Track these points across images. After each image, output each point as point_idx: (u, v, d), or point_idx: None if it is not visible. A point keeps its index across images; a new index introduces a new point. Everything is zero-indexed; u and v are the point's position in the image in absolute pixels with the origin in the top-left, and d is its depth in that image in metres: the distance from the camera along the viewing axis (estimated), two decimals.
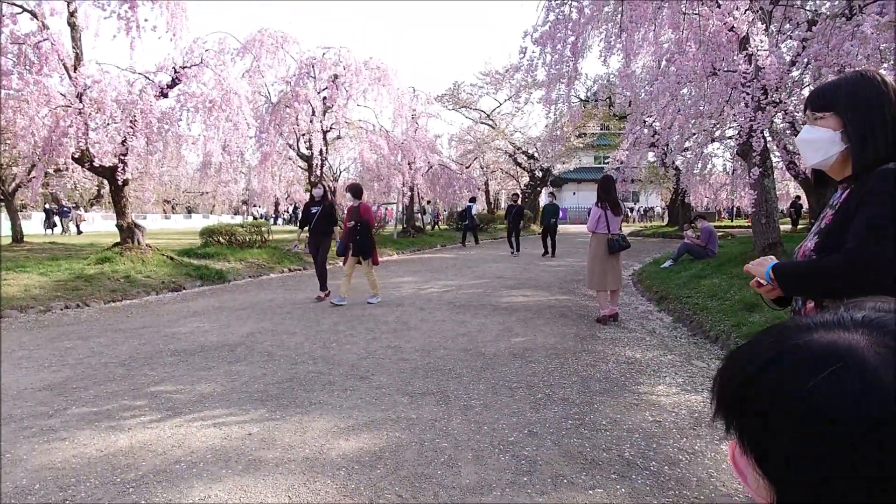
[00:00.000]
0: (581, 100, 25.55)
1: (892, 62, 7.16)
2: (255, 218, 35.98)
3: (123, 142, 10.41)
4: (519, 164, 30.50)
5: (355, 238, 8.48)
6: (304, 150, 17.76)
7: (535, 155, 28.89)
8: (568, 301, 8.95)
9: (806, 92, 9.42)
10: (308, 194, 20.65)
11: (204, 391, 4.51)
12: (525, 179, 32.09)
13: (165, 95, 10.98)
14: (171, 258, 11.93)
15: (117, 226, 11.79)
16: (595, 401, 4.26)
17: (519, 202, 19.46)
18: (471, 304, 8.49)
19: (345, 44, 17.30)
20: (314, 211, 9.28)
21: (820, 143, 1.60)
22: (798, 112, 9.97)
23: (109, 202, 11.87)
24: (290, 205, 38.15)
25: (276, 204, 38.51)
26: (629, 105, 10.71)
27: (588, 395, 4.38)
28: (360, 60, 16.54)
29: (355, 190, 8.70)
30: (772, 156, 11.89)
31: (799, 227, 24.03)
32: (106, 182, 12.07)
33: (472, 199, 22.75)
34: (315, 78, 15.88)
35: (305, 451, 3.38)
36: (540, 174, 31.21)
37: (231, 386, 4.65)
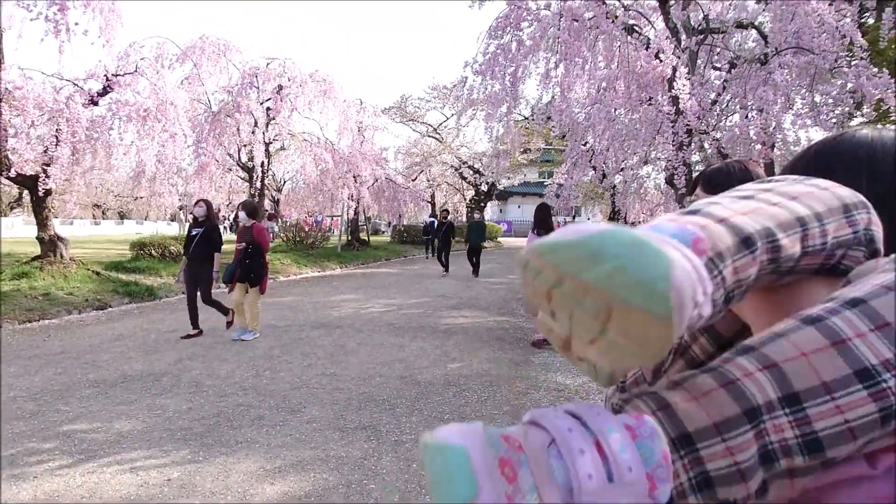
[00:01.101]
0: (524, 117, 26.20)
1: (800, 106, 7.81)
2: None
3: (46, 150, 9.82)
4: (464, 178, 30.88)
5: (244, 262, 7.44)
6: (245, 161, 17.31)
7: (481, 170, 29.36)
8: (506, 322, 9.13)
9: (735, 119, 10.07)
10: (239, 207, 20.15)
11: (123, 429, 4.31)
12: (471, 193, 32.49)
13: (96, 103, 10.45)
14: (97, 273, 11.31)
15: (38, 238, 11.07)
16: None
17: (449, 217, 18.02)
18: (410, 326, 8.51)
19: (290, 55, 16.95)
20: (194, 233, 7.79)
21: None
22: (722, 144, 10.61)
23: (30, 203, 11.12)
24: (231, 212, 37.02)
25: (218, 212, 37.23)
26: (568, 130, 11.11)
27: None
28: (306, 72, 16.35)
29: (249, 208, 7.74)
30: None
31: None
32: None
33: (436, 215, 21.67)
34: (258, 88, 15.56)
35: (228, 497, 3.30)
36: (485, 188, 31.70)
37: (153, 423, 4.46)
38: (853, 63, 7.52)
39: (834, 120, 8.22)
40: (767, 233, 0.45)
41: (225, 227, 44.69)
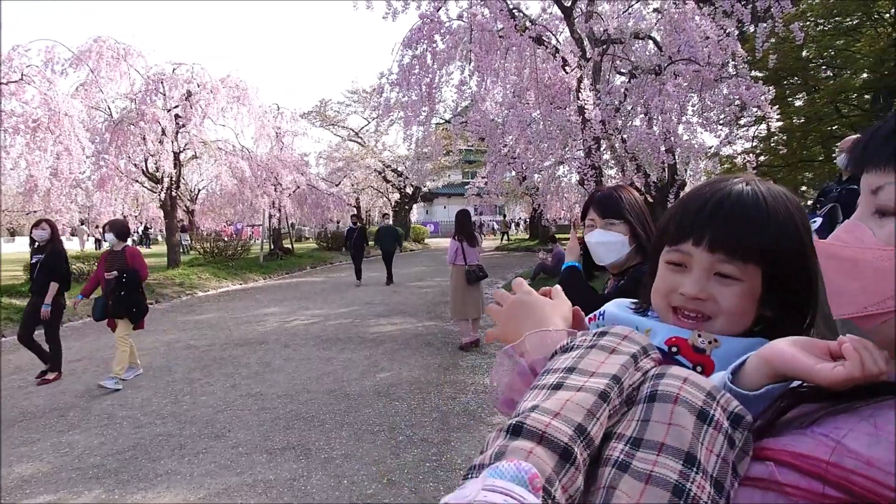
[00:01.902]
0: (445, 120, 26.55)
1: (691, 113, 8.53)
2: (97, 242, 32.18)
3: None
4: (389, 182, 30.82)
5: (118, 294, 6.13)
6: (153, 171, 16.34)
7: (405, 172, 29.44)
8: (434, 327, 9.26)
9: (636, 122, 10.78)
10: (161, 212, 18.96)
11: (25, 473, 4.01)
12: (396, 196, 32.47)
13: None
14: None
15: None
16: (452, 438, 4.50)
17: (359, 223, 16.45)
18: (338, 338, 8.44)
19: (200, 59, 16.10)
20: (34, 261, 6.59)
21: (614, 246, 1.94)
22: (629, 146, 11.31)
23: None
24: (139, 224, 34.70)
25: (126, 223, 34.71)
26: (486, 134, 11.43)
27: (446, 433, 4.61)
28: (217, 77, 15.71)
29: (118, 228, 6.48)
30: (609, 181, 13.38)
31: None
32: None
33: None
34: (165, 95, 14.75)
35: None
36: (410, 191, 31.79)
37: (60, 462, 4.17)
38: (734, 73, 8.32)
39: (721, 125, 9.03)
40: (580, 431, 0.51)
41: (134, 241, 41.89)
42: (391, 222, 16.96)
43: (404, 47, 7.65)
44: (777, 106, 8.68)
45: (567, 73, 6.69)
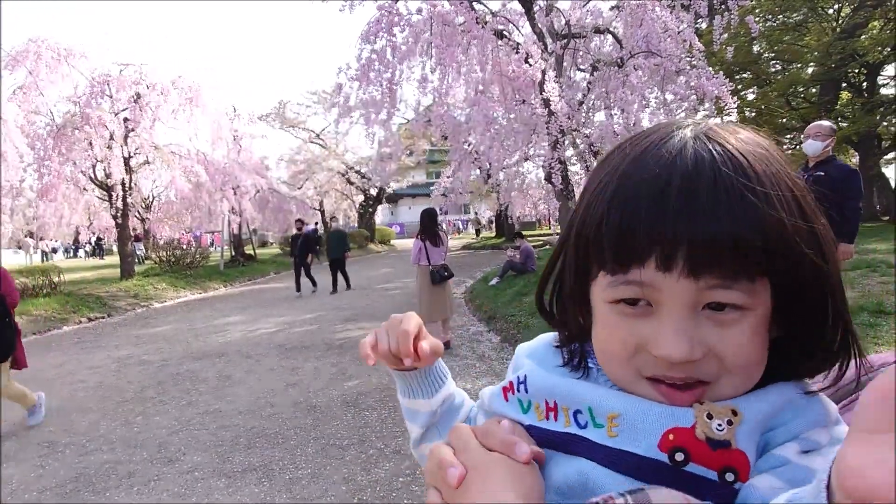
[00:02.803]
0: (407, 120, 26.31)
1: (654, 105, 8.54)
2: (45, 255, 30.66)
3: None
4: (352, 184, 30.33)
5: None
6: (103, 178, 15.53)
7: (368, 174, 29.02)
8: None
9: (599, 118, 10.78)
10: (114, 223, 17.92)
11: None
12: (360, 198, 31.99)
13: None
14: None
15: None
16: None
17: (304, 228, 14.61)
18: (303, 345, 8.09)
19: (148, 60, 15.32)
20: None
21: None
22: (592, 140, 11.33)
23: None
24: (92, 234, 33.22)
25: (77, 235, 33.23)
26: (450, 132, 11.25)
27: None
28: (168, 79, 15.03)
29: None
30: (574, 177, 13.40)
31: None
32: None
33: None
34: (112, 97, 14.02)
35: None
36: (375, 192, 31.39)
37: None
38: (694, 65, 8.38)
39: (682, 115, 9.09)
40: None
41: (86, 252, 40.14)
42: (339, 225, 16.14)
43: (363, 41, 7.37)
44: (736, 97, 8.79)
45: (531, 66, 6.55)
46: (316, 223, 16.43)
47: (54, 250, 34.18)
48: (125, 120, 14.25)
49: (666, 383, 0.47)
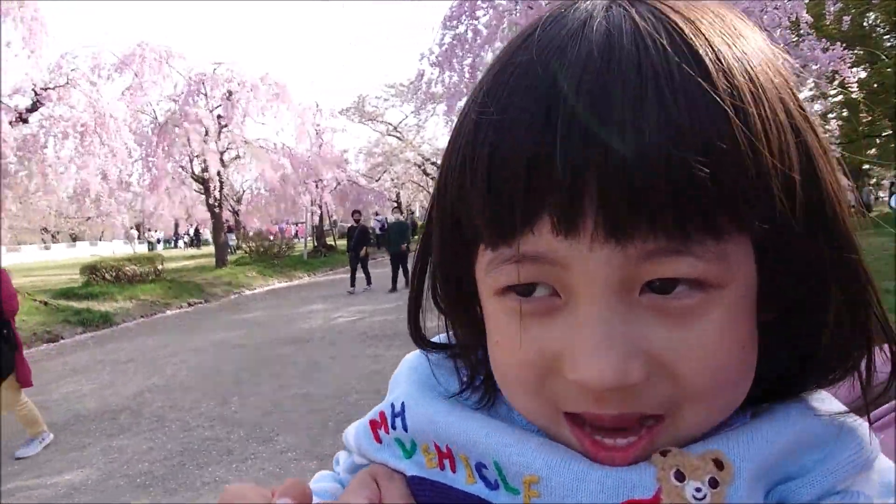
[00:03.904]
0: None
1: None
2: (150, 245, 33.39)
3: None
4: (429, 175, 30.59)
5: None
6: (199, 172, 16.60)
7: None
8: None
9: None
10: (209, 215, 19.10)
11: (75, 481, 3.88)
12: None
13: (25, 121, 9.74)
14: (45, 303, 10.59)
15: None
16: None
17: (361, 220, 13.75)
18: (384, 334, 8.19)
19: (238, 59, 16.24)
20: None
21: None
22: None
23: None
24: (190, 225, 35.80)
25: (176, 226, 35.92)
26: None
27: None
28: (257, 76, 15.77)
29: None
30: None
31: None
32: None
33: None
34: (206, 95, 14.90)
35: None
36: None
37: (109, 469, 4.04)
38: (800, 36, 7.55)
39: None
40: None
41: (185, 242, 43.39)
42: (401, 218, 14.95)
43: (444, 26, 7.29)
44: (853, 69, 7.88)
45: None
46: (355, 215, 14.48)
47: (158, 241, 37.17)
48: (218, 117, 15.11)
49: (593, 428, 0.30)
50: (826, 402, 0.32)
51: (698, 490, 0.27)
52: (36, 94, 9.70)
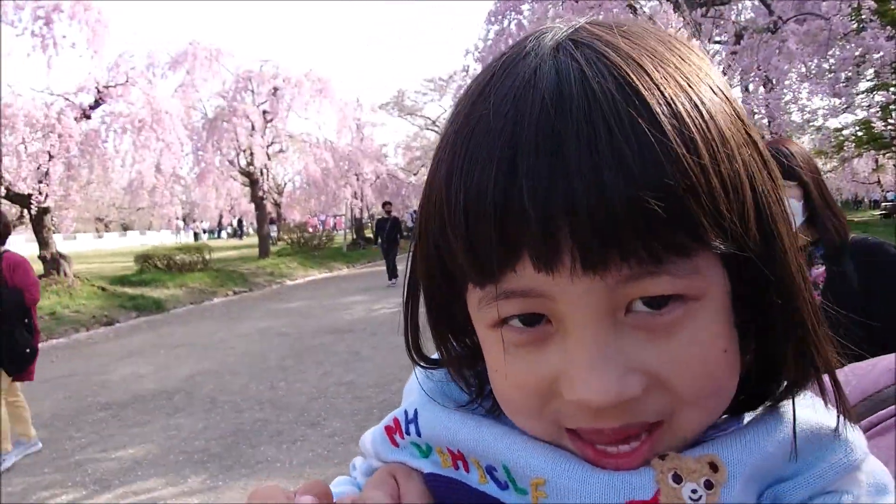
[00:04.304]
0: None
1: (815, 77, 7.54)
2: (196, 235, 34.59)
3: (40, 167, 9.65)
4: None
5: None
6: (244, 166, 17.12)
7: None
8: None
9: (737, 94, 9.75)
10: (252, 206, 19.78)
11: (137, 455, 4.14)
12: None
13: (88, 117, 10.27)
14: (103, 288, 11.17)
15: (40, 257, 10.93)
16: None
17: (393, 212, 13.58)
18: (425, 326, 8.31)
19: (283, 56, 16.75)
20: None
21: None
22: None
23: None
24: (234, 217, 36.91)
25: (220, 218, 37.10)
26: None
27: None
28: (301, 72, 16.13)
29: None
30: None
31: None
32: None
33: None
34: (253, 91, 15.35)
35: None
36: None
37: (168, 445, 4.29)
38: (862, 25, 7.23)
39: (843, 84, 7.94)
40: None
41: (228, 233, 44.77)
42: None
43: (489, 21, 7.31)
44: None
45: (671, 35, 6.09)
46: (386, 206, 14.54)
47: (204, 231, 38.45)
48: (264, 112, 15.54)
49: (594, 439, 0.32)
50: (817, 407, 0.34)
51: (694, 491, 0.30)
52: (98, 91, 10.21)
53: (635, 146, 0.27)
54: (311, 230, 21.08)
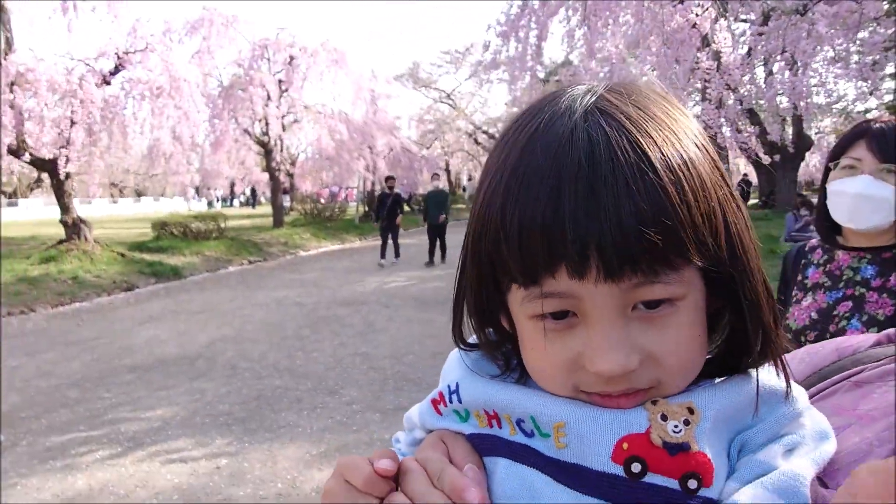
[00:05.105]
0: (541, 80, 25.51)
1: (827, 61, 7.41)
2: (209, 203, 34.79)
3: (62, 132, 9.76)
4: (479, 144, 30.41)
5: None
6: (259, 135, 17.13)
7: (496, 135, 28.87)
8: None
9: (759, 75, 9.62)
10: (265, 175, 19.75)
11: (165, 415, 4.34)
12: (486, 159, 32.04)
13: (108, 83, 10.32)
14: (122, 254, 11.40)
15: (61, 222, 11.14)
16: None
17: (395, 187, 13.09)
18: (437, 300, 8.45)
19: (300, 24, 16.48)
20: None
21: (884, 204, 1.29)
22: (749, 96, 10.15)
23: (50, 187, 11.15)
24: (247, 186, 37.04)
25: (232, 186, 37.22)
26: None
27: None
28: (318, 41, 16.01)
29: None
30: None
31: (748, 202, 24.88)
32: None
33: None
34: (269, 60, 15.27)
35: (278, 485, 3.30)
36: None
37: (194, 408, 4.48)
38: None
39: (870, 67, 7.79)
40: None
41: (241, 202, 44.99)
42: (439, 185, 13.97)
43: None
44: None
45: (698, 15, 6.00)
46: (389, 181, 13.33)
47: (218, 199, 38.64)
48: (280, 81, 15.48)
49: (601, 397, 0.43)
50: (772, 375, 0.45)
51: (676, 426, 0.41)
52: (119, 57, 10.23)
53: (644, 194, 0.38)
54: (323, 201, 21.16)
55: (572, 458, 0.43)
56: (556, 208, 0.39)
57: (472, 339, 0.51)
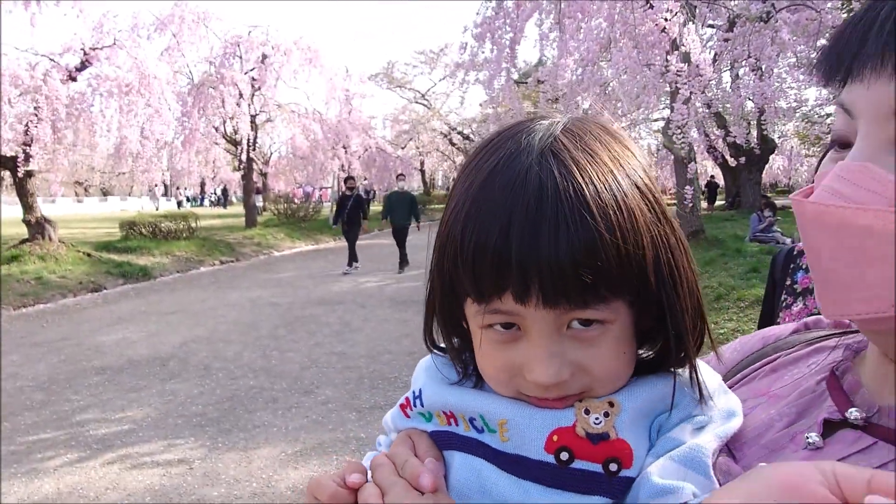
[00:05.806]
0: (516, 81, 25.69)
1: (807, 68, 7.69)
2: (178, 203, 34.08)
3: (27, 130, 9.46)
4: (454, 145, 30.49)
5: None
6: (231, 134, 16.86)
7: (471, 136, 29.01)
8: None
9: (725, 77, 9.91)
10: (236, 175, 19.50)
11: (136, 417, 4.27)
12: (461, 159, 32.17)
13: (74, 79, 10.04)
14: (88, 254, 11.10)
15: (24, 221, 10.79)
16: None
17: (356, 189, 12.10)
18: (412, 300, 8.47)
19: (273, 22, 16.39)
20: None
21: None
22: (717, 99, 10.44)
23: (12, 185, 10.66)
24: (218, 185, 36.35)
25: (202, 185, 36.51)
26: (561, 93, 10.91)
27: None
28: (291, 40, 15.82)
29: None
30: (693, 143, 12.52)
31: (715, 204, 25.52)
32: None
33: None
34: (241, 58, 15.05)
35: (252, 485, 3.28)
36: None
37: (166, 409, 4.41)
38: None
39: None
40: None
41: (211, 201, 44.14)
42: (403, 186, 13.23)
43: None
44: None
45: (667, 19, 6.17)
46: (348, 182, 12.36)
47: (188, 199, 37.85)
48: (252, 80, 15.26)
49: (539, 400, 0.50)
50: (686, 371, 0.52)
51: (596, 419, 0.48)
52: (85, 53, 9.95)
53: (580, 236, 0.44)
54: (296, 201, 20.94)
55: (514, 449, 0.49)
56: (506, 241, 0.44)
57: (442, 343, 0.58)
